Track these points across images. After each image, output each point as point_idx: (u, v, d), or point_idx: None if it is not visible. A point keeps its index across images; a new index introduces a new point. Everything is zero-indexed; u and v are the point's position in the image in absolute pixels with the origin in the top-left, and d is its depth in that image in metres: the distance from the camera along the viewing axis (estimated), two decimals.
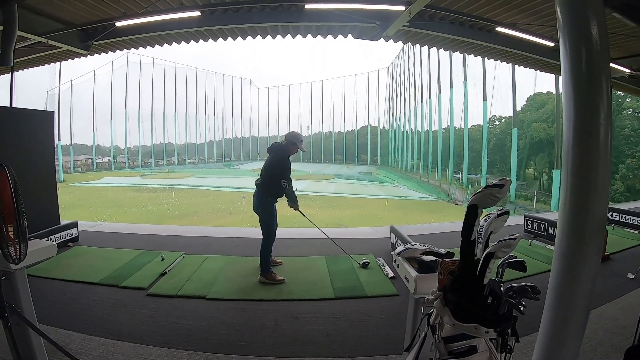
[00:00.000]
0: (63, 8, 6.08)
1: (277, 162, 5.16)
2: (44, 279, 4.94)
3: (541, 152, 36.92)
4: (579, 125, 2.21)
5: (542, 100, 38.13)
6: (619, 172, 28.92)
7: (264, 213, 5.20)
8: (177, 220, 20.01)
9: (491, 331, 1.61)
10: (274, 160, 5.19)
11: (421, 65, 53.18)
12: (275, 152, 5.24)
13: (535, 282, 1.62)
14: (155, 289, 4.70)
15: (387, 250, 6.37)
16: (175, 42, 7.87)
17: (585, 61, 2.20)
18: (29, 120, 6.34)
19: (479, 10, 6.35)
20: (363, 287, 4.84)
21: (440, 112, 46.39)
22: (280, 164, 5.14)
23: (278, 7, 6.38)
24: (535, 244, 6.91)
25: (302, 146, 5.35)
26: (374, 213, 25.26)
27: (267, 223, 5.19)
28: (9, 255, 2.24)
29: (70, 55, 8.28)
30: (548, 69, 9.85)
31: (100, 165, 66.42)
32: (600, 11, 2.21)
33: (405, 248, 2.50)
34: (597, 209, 2.19)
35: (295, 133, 5.36)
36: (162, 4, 6.06)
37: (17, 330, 2.41)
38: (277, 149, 5.25)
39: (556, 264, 2.28)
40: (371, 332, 3.77)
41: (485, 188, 1.72)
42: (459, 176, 41.70)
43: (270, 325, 3.88)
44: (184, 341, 3.50)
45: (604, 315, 4.05)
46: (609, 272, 5.46)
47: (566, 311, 2.23)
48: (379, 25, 6.62)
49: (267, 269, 5.06)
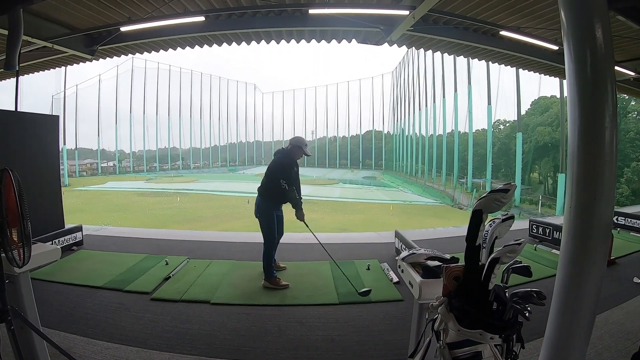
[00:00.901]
0: (68, 13, 6.14)
1: (276, 164, 5.13)
2: (48, 283, 4.94)
3: (546, 156, 36.75)
4: (585, 129, 2.20)
5: (546, 104, 37.99)
6: (624, 175, 28.71)
7: (262, 218, 5.16)
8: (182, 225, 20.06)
9: (496, 337, 1.60)
10: (274, 163, 5.17)
11: (425, 69, 53.21)
12: (277, 157, 5.23)
13: (540, 287, 1.61)
14: (159, 294, 4.69)
15: (392, 255, 6.34)
16: (180, 47, 7.92)
17: (590, 64, 2.18)
18: (34, 125, 6.37)
19: (483, 14, 6.35)
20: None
21: (445, 116, 46.32)
22: (279, 164, 5.09)
23: (282, 12, 6.42)
24: (540, 249, 6.86)
25: (307, 150, 5.29)
26: (378, 218, 25.21)
27: (266, 228, 5.13)
28: (12, 259, 2.24)
29: (75, 60, 8.34)
30: (552, 73, 9.84)
31: (105, 169, 66.73)
32: (605, 14, 2.20)
33: (409, 253, 2.49)
34: (603, 212, 2.17)
35: (299, 137, 5.32)
36: (167, 10, 6.10)
37: (20, 334, 2.41)
38: (282, 154, 5.23)
39: (562, 268, 2.26)
40: (375, 337, 3.74)
41: (490, 193, 1.72)
42: (464, 180, 41.60)
43: (274, 330, 3.86)
44: (188, 346, 3.49)
45: (609, 320, 4.01)
46: (614, 277, 5.41)
47: (572, 316, 2.21)
48: (383, 30, 6.63)
49: (270, 274, 5.04)
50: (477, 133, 43.25)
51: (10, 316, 2.26)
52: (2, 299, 2.24)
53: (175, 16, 6.21)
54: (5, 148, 5.75)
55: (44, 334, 2.62)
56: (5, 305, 2.25)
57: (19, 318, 2.41)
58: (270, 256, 5.12)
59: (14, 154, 5.87)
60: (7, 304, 2.27)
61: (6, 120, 5.89)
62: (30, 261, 2.36)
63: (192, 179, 57.77)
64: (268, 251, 5.10)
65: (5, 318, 2.24)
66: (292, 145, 5.24)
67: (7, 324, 2.26)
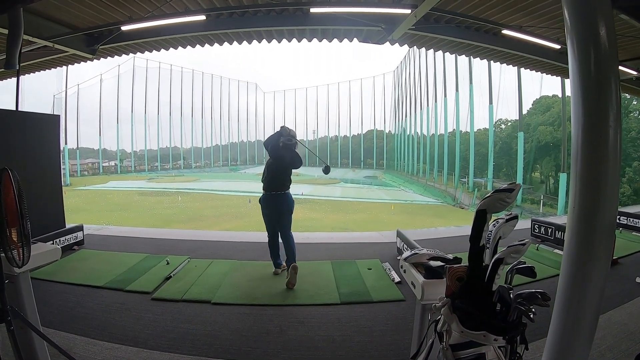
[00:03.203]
0: (69, 12, 6.13)
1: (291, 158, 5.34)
2: (49, 282, 4.94)
3: (547, 155, 36.69)
4: (588, 128, 2.17)
5: (548, 104, 37.91)
6: (626, 175, 28.67)
7: (292, 209, 5.37)
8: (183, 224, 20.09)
9: (500, 339, 1.59)
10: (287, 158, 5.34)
11: (427, 68, 53.15)
12: (284, 152, 5.32)
13: (542, 287, 1.59)
14: (160, 293, 4.68)
15: (394, 254, 6.33)
16: (181, 46, 7.90)
17: (594, 63, 2.16)
18: (35, 124, 6.37)
19: (484, 13, 6.33)
20: (369, 292, 4.80)
21: (446, 115, 46.29)
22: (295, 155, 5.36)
23: (284, 11, 6.41)
24: (542, 248, 6.84)
25: (285, 140, 5.34)
26: (380, 217, 25.22)
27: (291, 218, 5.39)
28: (12, 259, 2.23)
29: (76, 59, 8.34)
30: (554, 72, 9.80)
31: (107, 168, 66.83)
32: (609, 12, 2.18)
33: (412, 253, 2.47)
34: (607, 212, 2.15)
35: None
36: (168, 8, 6.08)
37: (20, 334, 2.40)
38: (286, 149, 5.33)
39: (565, 268, 2.24)
40: (377, 338, 3.72)
41: (494, 192, 1.70)
42: (465, 180, 41.54)
43: (275, 330, 3.85)
44: (189, 346, 3.48)
45: (612, 321, 3.99)
46: (617, 277, 5.37)
47: (575, 317, 2.19)
48: (384, 29, 6.61)
49: (274, 264, 5.35)
50: (479, 132, 43.17)
51: (10, 316, 2.25)
52: (1, 299, 2.22)
53: (177, 15, 6.20)
54: (7, 147, 5.75)
55: (44, 334, 2.61)
56: (5, 306, 2.24)
57: (18, 318, 2.40)
58: (269, 246, 5.43)
59: (15, 153, 5.87)
60: (7, 304, 2.25)
61: (7, 120, 5.89)
62: (30, 261, 2.34)
63: (193, 179, 57.88)
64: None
65: (5, 318, 2.23)
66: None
67: (6, 324, 2.25)
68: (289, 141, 5.26)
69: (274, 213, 5.28)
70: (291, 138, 5.27)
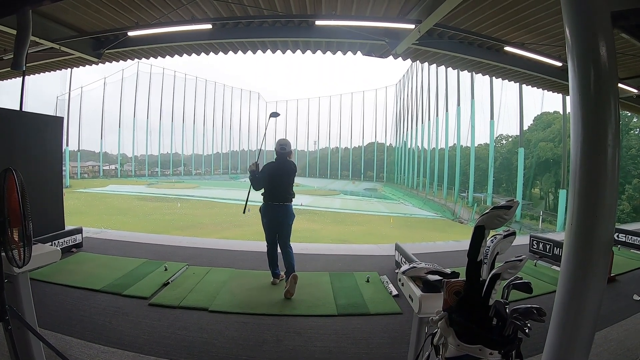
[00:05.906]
0: (77, 16, 6.20)
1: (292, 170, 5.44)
2: (47, 284, 4.94)
3: (547, 171, 36.72)
4: (587, 145, 2.21)
5: (549, 120, 38.06)
6: (626, 192, 28.65)
7: (292, 222, 5.39)
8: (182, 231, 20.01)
9: (495, 353, 1.60)
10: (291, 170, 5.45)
11: (429, 83, 53.41)
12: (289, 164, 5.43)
13: (540, 303, 1.60)
14: (157, 299, 4.67)
15: (392, 268, 6.31)
16: (186, 54, 7.97)
17: (594, 81, 2.20)
18: (38, 125, 6.41)
19: (487, 30, 6.40)
20: (366, 304, 4.79)
21: (447, 130, 46.44)
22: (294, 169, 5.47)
23: (289, 22, 6.48)
24: (540, 265, 6.83)
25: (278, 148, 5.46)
26: (378, 230, 25.14)
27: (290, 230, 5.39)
28: (12, 259, 2.24)
29: (81, 62, 8.41)
30: (556, 89, 9.88)
31: (107, 172, 66.94)
32: (609, 31, 2.22)
33: (410, 267, 2.48)
34: (604, 229, 2.17)
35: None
36: (174, 16, 6.15)
37: (17, 334, 2.40)
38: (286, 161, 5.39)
39: (562, 285, 2.26)
40: (373, 350, 3.71)
41: (492, 209, 1.72)
42: (465, 195, 41.54)
43: (272, 340, 3.83)
44: (185, 353, 3.47)
45: (609, 337, 3.98)
46: (614, 294, 5.37)
47: (571, 333, 2.20)
48: (388, 43, 6.68)
49: (272, 274, 5.33)
50: (479, 147, 43.28)
51: (7, 316, 2.26)
52: (0, 298, 2.23)
53: (183, 23, 6.26)
54: (9, 147, 5.79)
55: (41, 335, 2.61)
56: (3, 305, 2.24)
57: (16, 318, 2.40)
58: (268, 255, 5.40)
59: (18, 154, 5.92)
60: (6, 304, 2.26)
61: (11, 120, 5.93)
62: (30, 262, 2.36)
63: (193, 185, 57.91)
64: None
65: (3, 318, 2.24)
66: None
67: (4, 324, 2.25)
68: (282, 150, 5.31)
69: (273, 223, 5.28)
70: (284, 147, 5.32)
